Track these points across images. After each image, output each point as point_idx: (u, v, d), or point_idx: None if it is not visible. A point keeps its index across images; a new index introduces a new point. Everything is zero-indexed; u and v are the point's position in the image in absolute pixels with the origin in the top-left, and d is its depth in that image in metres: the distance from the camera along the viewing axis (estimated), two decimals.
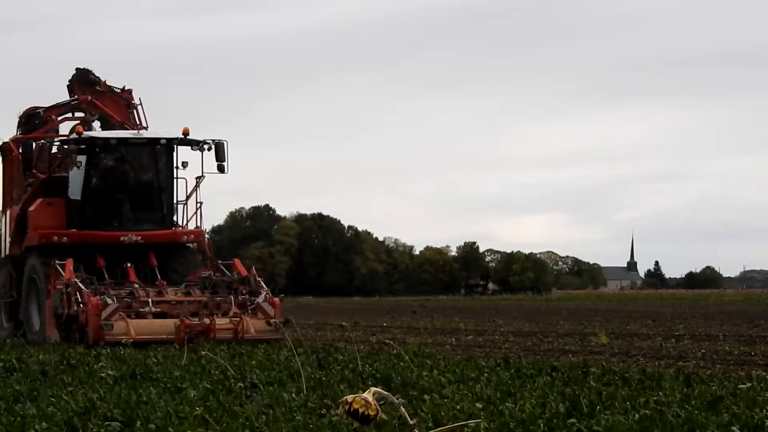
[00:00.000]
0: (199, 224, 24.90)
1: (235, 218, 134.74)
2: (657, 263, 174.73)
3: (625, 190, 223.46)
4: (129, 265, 23.61)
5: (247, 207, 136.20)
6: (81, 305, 21.26)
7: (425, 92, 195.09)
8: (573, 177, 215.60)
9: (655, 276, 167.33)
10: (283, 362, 14.96)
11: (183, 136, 23.78)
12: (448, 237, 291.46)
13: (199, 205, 24.77)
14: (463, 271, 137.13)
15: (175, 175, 24.31)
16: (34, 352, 18.12)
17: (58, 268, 22.40)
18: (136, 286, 22.60)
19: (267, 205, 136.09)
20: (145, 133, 24.48)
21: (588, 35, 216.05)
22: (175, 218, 24.66)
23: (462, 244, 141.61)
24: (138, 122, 26.42)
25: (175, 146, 24.08)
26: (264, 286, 22.69)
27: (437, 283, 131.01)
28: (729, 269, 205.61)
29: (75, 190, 24.24)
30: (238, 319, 21.26)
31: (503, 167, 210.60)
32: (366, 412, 5.61)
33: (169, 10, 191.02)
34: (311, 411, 9.45)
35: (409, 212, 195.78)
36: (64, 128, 26.29)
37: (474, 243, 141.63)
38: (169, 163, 24.25)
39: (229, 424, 8.60)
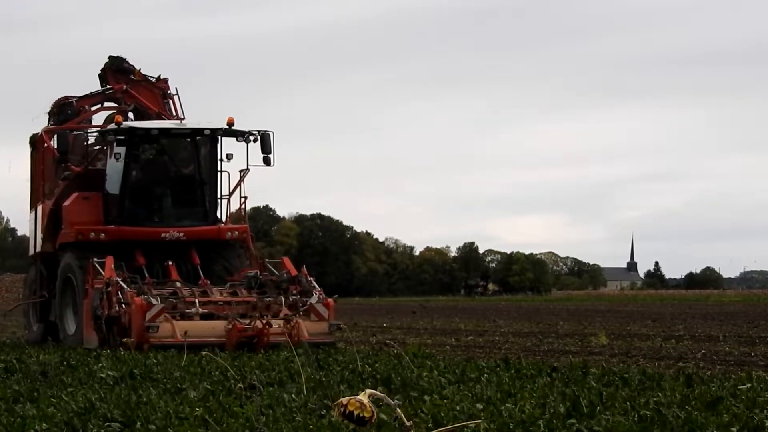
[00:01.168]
0: (243, 220, 23.85)
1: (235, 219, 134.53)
2: (657, 264, 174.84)
3: (625, 190, 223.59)
4: (170, 263, 22.32)
5: (247, 207, 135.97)
6: (123, 306, 19.90)
7: (425, 92, 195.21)
8: (573, 177, 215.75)
9: (655, 276, 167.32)
10: (283, 363, 14.96)
11: (228, 127, 22.53)
12: (448, 237, 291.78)
13: (243, 199, 23.61)
14: (463, 272, 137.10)
15: (218, 168, 23.00)
16: (34, 353, 18.12)
17: (97, 266, 21.03)
18: (179, 285, 21.28)
19: (267, 206, 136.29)
20: (188, 124, 23.07)
21: (588, 35, 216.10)
22: (218, 214, 23.41)
23: (462, 244, 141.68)
24: (174, 113, 25.15)
25: (220, 137, 22.79)
26: (316, 285, 21.33)
27: (437, 284, 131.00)
28: (729, 270, 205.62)
29: (113, 184, 22.93)
30: (292, 322, 19.85)
31: (503, 167, 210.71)
32: (361, 414, 5.61)
33: (168, 9, 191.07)
34: (311, 412, 9.45)
35: (409, 212, 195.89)
36: (97, 119, 25.17)
37: (474, 243, 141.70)
38: (212, 155, 22.98)
39: (229, 425, 8.59)
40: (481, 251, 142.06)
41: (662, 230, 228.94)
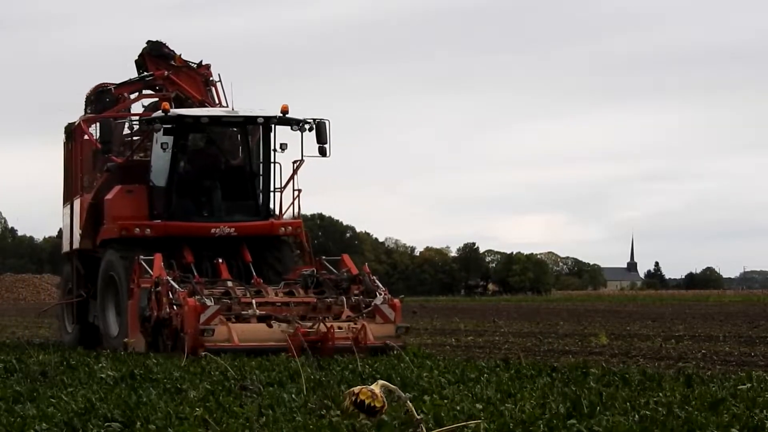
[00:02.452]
0: (296, 214, 22.15)
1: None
2: (657, 264, 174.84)
3: (625, 190, 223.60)
4: (220, 260, 20.86)
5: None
6: (174, 307, 18.42)
7: (425, 91, 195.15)
8: (573, 177, 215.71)
9: (655, 276, 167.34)
10: (283, 363, 14.96)
11: (282, 115, 21.11)
12: (448, 237, 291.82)
13: (297, 193, 21.96)
14: (463, 272, 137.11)
15: (272, 159, 21.50)
16: (33, 353, 18.11)
17: (144, 264, 19.64)
18: (230, 284, 19.81)
19: None
20: (240, 111, 21.48)
21: (588, 34, 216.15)
22: (271, 208, 21.86)
23: (462, 244, 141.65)
24: (217, 102, 23.65)
25: (273, 126, 21.32)
26: (380, 285, 19.82)
27: (437, 284, 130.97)
28: (729, 270, 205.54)
29: (159, 176, 21.40)
30: (358, 325, 18.52)
31: (503, 167, 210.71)
32: (372, 404, 5.63)
33: (168, 8, 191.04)
34: (311, 412, 9.45)
35: (409, 212, 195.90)
36: (137, 108, 23.72)
37: (474, 243, 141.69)
38: (265, 146, 21.52)
39: (229, 425, 8.59)
40: (481, 251, 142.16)
41: (662, 230, 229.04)
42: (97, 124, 22.02)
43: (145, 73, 23.76)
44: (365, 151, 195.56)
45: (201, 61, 23.99)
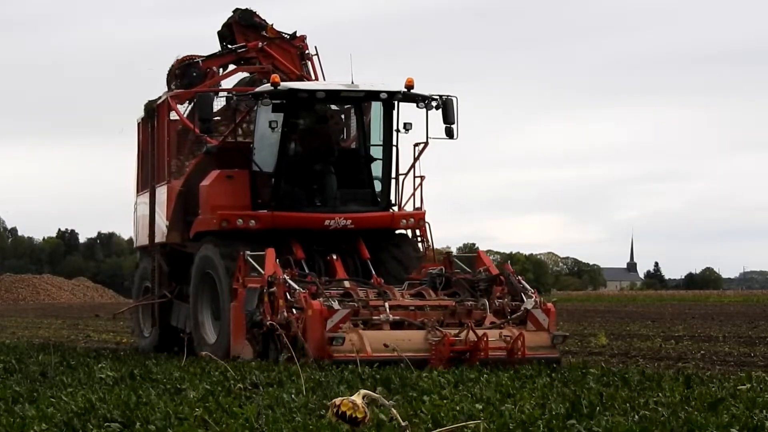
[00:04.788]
0: (419, 205, 19.53)
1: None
2: (657, 264, 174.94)
3: (625, 190, 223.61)
4: (335, 256, 18.32)
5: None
6: (294, 310, 15.89)
7: (425, 91, 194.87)
8: (573, 177, 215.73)
9: (655, 277, 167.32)
10: (283, 363, 14.95)
11: (406, 90, 18.49)
12: (448, 237, 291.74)
13: (419, 180, 19.54)
14: None
15: (394, 141, 18.87)
16: (33, 353, 18.11)
17: (251, 260, 17.11)
18: (347, 284, 17.27)
19: None
20: (360, 85, 18.59)
21: (588, 34, 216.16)
22: (391, 197, 19.23)
23: (462, 244, 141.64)
24: (314, 77, 21.24)
25: (396, 103, 18.69)
26: (528, 286, 17.16)
27: None
28: (729, 270, 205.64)
29: (264, 159, 18.66)
30: (511, 333, 15.95)
31: (503, 167, 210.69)
32: (354, 415, 5.63)
33: (169, 8, 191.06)
34: (311, 412, 9.45)
35: None
36: (227, 84, 21.38)
37: (474, 243, 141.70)
38: (387, 125, 18.82)
39: (229, 425, 8.59)
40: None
41: (662, 230, 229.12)
42: (195, 99, 19.63)
43: (236, 45, 21.32)
44: None
45: (295, 32, 21.72)
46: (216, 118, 19.49)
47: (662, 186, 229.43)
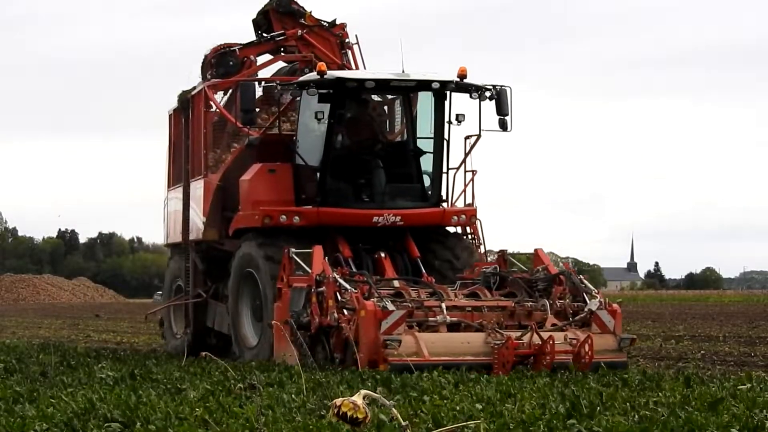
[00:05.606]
0: (470, 201, 18.87)
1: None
2: (657, 264, 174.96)
3: (625, 190, 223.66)
4: (383, 254, 17.50)
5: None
6: (345, 312, 14.99)
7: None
8: (573, 177, 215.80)
9: (655, 277, 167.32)
10: (283, 363, 14.95)
11: (459, 79, 17.58)
12: None
13: (471, 174, 18.89)
14: None
15: (446, 134, 18.01)
16: (33, 353, 18.11)
17: (296, 258, 16.13)
18: (397, 284, 16.40)
19: None
20: (411, 74, 17.64)
21: (588, 33, 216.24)
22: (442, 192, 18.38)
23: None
24: (354, 68, 20.40)
25: (449, 93, 17.85)
26: (591, 286, 16.20)
27: None
28: (729, 270, 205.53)
29: (309, 152, 17.79)
30: (578, 336, 15.01)
31: (503, 167, 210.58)
32: (354, 415, 5.64)
33: (170, 8, 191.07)
34: (311, 412, 9.45)
35: None
36: (264, 73, 20.40)
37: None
38: (438, 117, 17.99)
39: (229, 425, 8.59)
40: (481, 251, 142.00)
41: (662, 230, 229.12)
42: (234, 89, 18.93)
43: (274, 33, 20.44)
44: None
45: (335, 20, 20.88)
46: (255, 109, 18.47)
47: (662, 186, 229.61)
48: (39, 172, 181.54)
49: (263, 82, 18.96)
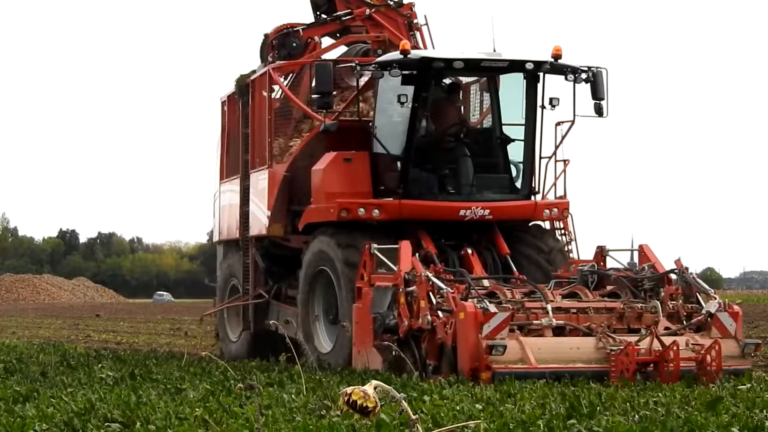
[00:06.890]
0: (561, 193, 17.49)
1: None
2: None
3: (625, 190, 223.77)
4: (470, 251, 16.04)
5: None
6: (440, 314, 13.46)
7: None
8: (573, 177, 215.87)
9: None
10: (283, 363, 14.95)
11: (553, 59, 16.14)
12: None
13: (564, 164, 17.45)
14: None
15: (539, 119, 16.49)
16: (33, 353, 18.12)
17: (379, 254, 14.65)
18: (487, 283, 14.99)
19: None
20: (503, 54, 16.15)
21: (589, 33, 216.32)
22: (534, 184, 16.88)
23: None
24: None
25: (542, 75, 16.33)
26: (706, 286, 14.67)
27: None
28: (729, 270, 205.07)
29: (389, 140, 16.25)
30: (703, 341, 13.55)
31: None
32: (364, 404, 5.65)
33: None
34: (311, 412, 9.46)
35: None
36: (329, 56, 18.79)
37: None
38: (530, 101, 16.47)
39: (229, 425, 8.60)
40: None
41: (662, 230, 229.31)
42: (307, 71, 17.37)
43: (340, 12, 19.07)
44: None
45: (402, 0, 19.37)
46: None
47: (662, 186, 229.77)
48: (39, 172, 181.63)
49: (338, 63, 17.13)
